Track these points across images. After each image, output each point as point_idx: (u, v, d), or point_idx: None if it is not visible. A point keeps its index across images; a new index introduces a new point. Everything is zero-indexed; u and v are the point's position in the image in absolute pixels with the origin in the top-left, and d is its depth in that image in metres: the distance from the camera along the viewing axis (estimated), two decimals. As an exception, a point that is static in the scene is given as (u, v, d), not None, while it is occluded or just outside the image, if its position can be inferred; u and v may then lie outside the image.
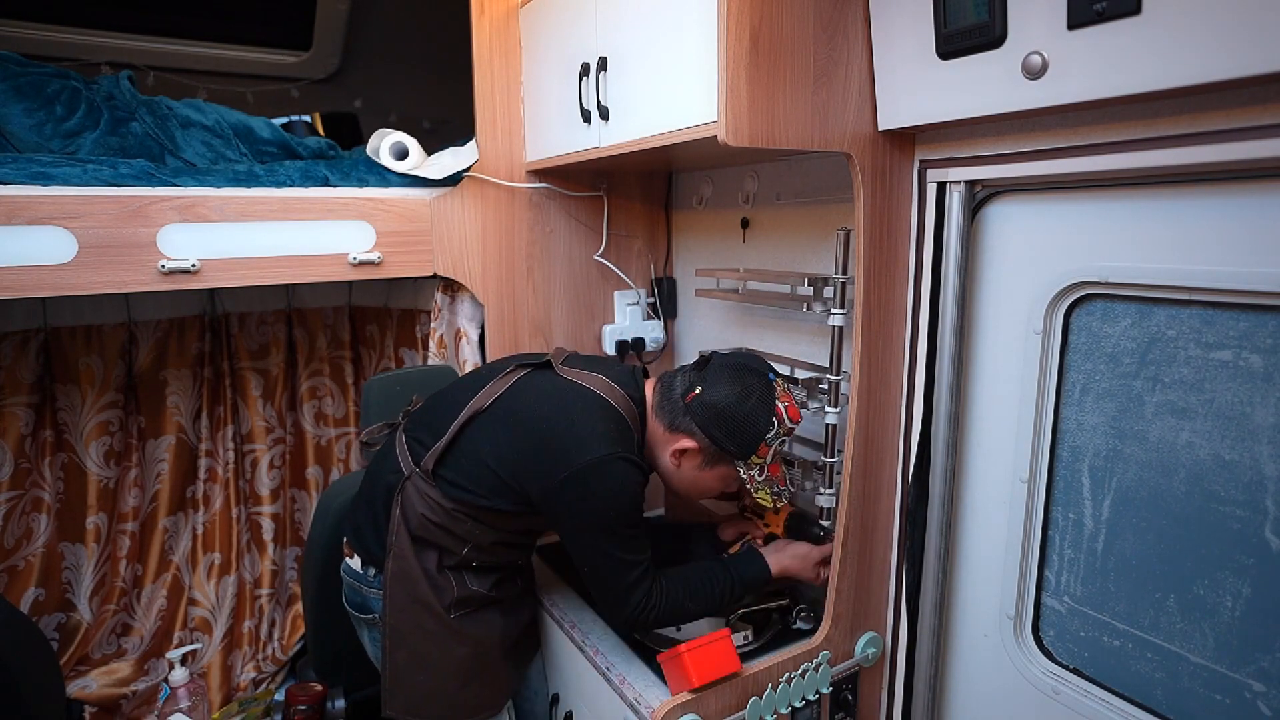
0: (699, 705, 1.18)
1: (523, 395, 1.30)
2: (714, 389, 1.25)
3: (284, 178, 1.56)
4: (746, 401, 1.24)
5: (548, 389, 1.30)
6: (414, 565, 1.29)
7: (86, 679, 1.83)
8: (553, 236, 1.84)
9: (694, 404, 1.26)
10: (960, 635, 1.34)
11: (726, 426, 1.24)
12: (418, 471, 1.29)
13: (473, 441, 1.27)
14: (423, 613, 1.31)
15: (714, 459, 1.28)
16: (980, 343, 1.24)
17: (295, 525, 2.22)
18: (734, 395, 1.24)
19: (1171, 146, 0.91)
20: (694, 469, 1.31)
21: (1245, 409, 0.94)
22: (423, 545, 1.30)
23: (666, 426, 1.29)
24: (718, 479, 1.32)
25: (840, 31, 1.15)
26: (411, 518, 1.28)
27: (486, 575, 1.37)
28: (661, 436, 1.31)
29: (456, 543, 1.30)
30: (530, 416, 1.26)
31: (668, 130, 1.26)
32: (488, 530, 1.30)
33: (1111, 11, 0.86)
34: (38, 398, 1.80)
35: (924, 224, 1.26)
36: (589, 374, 1.31)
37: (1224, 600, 0.99)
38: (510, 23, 1.71)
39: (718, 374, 1.27)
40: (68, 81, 1.54)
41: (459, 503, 1.26)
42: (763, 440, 1.24)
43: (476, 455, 1.26)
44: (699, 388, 1.26)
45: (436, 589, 1.31)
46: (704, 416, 1.25)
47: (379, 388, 1.60)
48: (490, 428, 1.27)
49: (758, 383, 1.26)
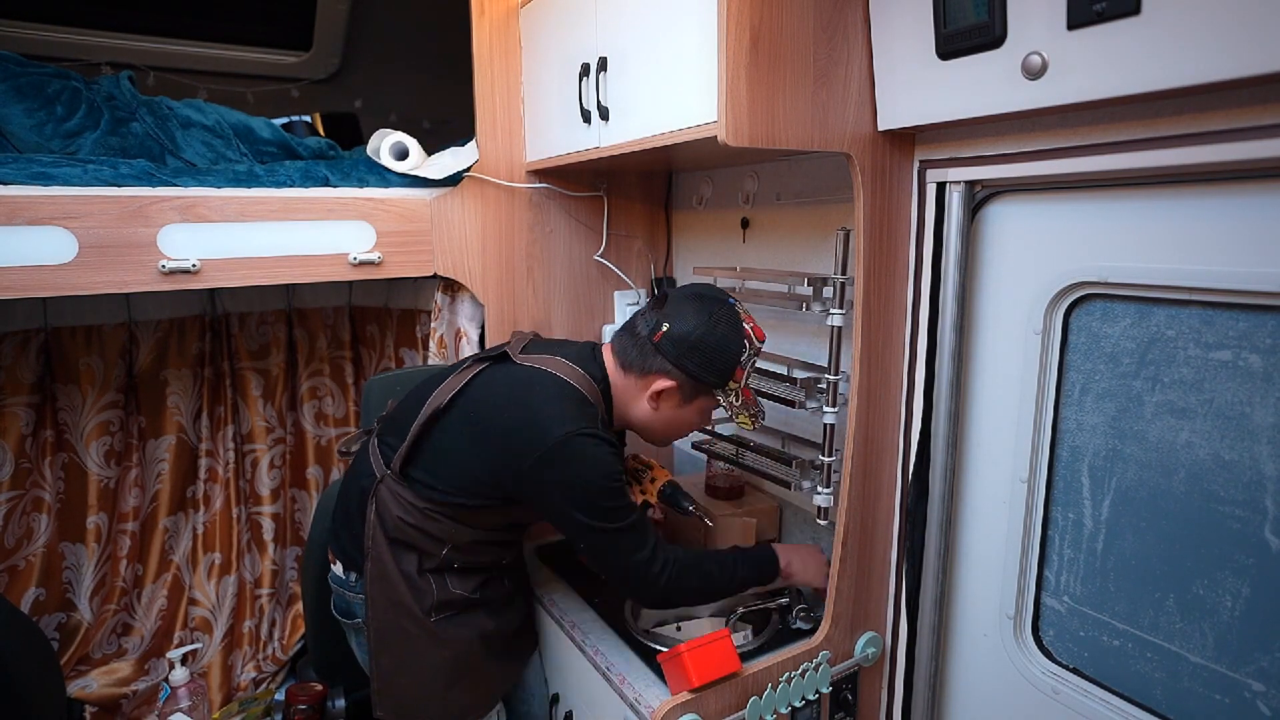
0: (699, 705, 1.18)
1: (481, 389, 1.29)
2: (680, 322, 1.24)
3: (284, 178, 1.56)
4: (716, 329, 1.23)
5: (503, 379, 1.30)
6: (392, 568, 1.30)
7: (87, 679, 1.83)
8: (553, 236, 1.84)
9: (663, 342, 1.24)
10: (960, 635, 1.34)
11: (700, 357, 1.23)
12: (389, 474, 1.29)
13: (437, 440, 1.28)
14: (403, 616, 1.31)
15: (692, 392, 1.28)
16: (980, 342, 1.24)
17: (295, 525, 2.22)
18: (702, 325, 1.23)
19: (1171, 146, 0.91)
20: (673, 407, 1.30)
21: (1245, 409, 0.94)
22: (400, 548, 1.30)
23: (638, 374, 1.28)
24: (697, 412, 1.32)
25: (840, 32, 1.15)
26: (387, 520, 1.29)
27: (470, 577, 1.36)
28: (634, 386, 1.30)
29: (434, 544, 1.30)
30: (490, 408, 1.26)
31: (668, 130, 1.26)
32: (465, 529, 1.30)
33: (1111, 12, 0.86)
34: (38, 398, 1.80)
35: (924, 224, 1.26)
36: (545, 357, 1.30)
37: (1224, 600, 0.99)
38: (510, 23, 1.71)
39: (679, 307, 1.26)
40: (68, 82, 1.54)
41: (432, 502, 1.27)
42: (738, 363, 1.25)
43: (442, 453, 1.27)
44: (665, 325, 1.25)
45: (416, 592, 1.31)
46: (676, 352, 1.24)
47: (379, 388, 1.61)
48: (452, 425, 1.28)
49: (721, 309, 1.25)
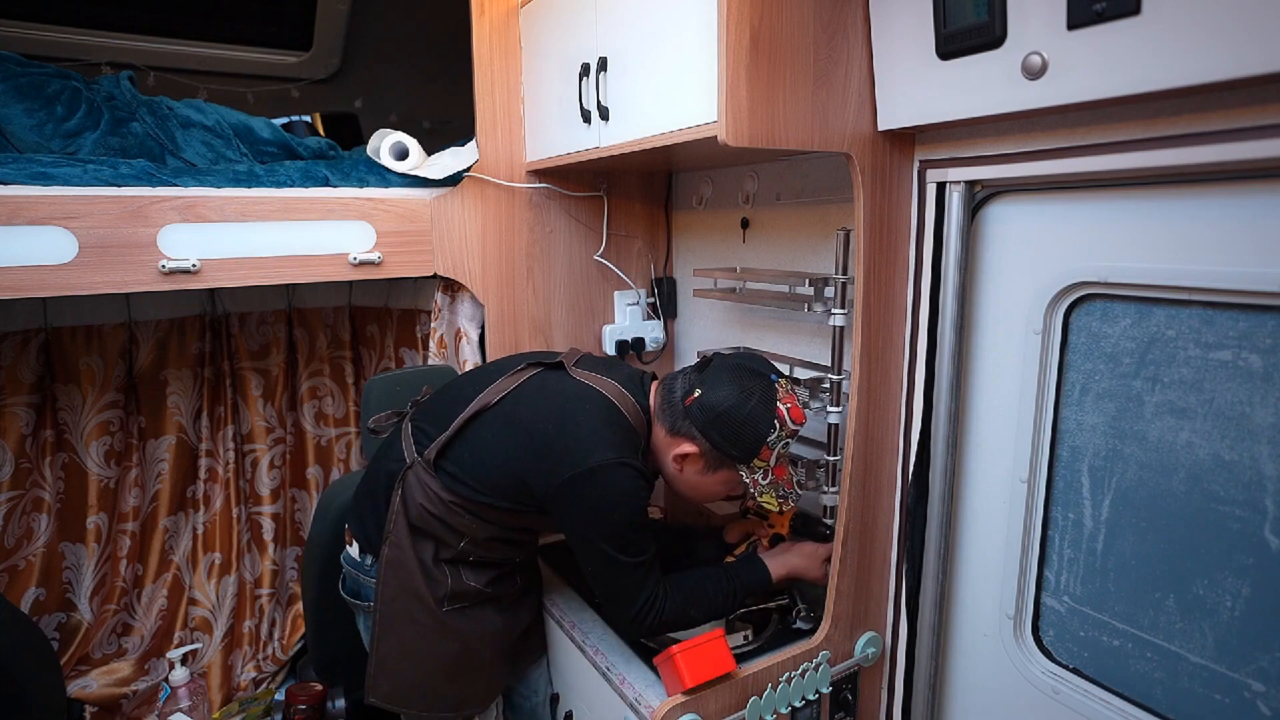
0: (699, 705, 1.18)
1: (532, 394, 1.29)
2: (713, 391, 1.23)
3: (284, 178, 1.56)
4: (747, 404, 1.21)
5: (557, 389, 1.29)
6: (410, 555, 1.30)
7: (87, 679, 1.83)
8: (553, 236, 1.84)
9: (693, 407, 1.24)
10: (960, 635, 1.34)
11: (726, 430, 1.22)
12: (420, 461, 1.29)
13: (477, 436, 1.28)
14: (414, 604, 1.31)
15: (716, 463, 1.26)
16: (980, 342, 1.24)
17: (295, 525, 2.22)
18: (734, 397, 1.22)
19: (1171, 146, 0.91)
20: (696, 474, 1.29)
21: (1245, 409, 0.94)
22: (420, 535, 1.31)
23: (668, 430, 1.28)
24: (721, 483, 1.30)
25: (840, 32, 1.15)
26: (411, 507, 1.29)
27: (483, 571, 1.37)
28: (664, 441, 1.30)
29: (453, 535, 1.30)
30: (538, 415, 1.26)
31: (668, 130, 1.26)
32: (483, 525, 1.30)
33: (1111, 12, 0.86)
34: (38, 398, 1.80)
35: (924, 224, 1.26)
36: (600, 377, 1.31)
37: (1223, 600, 0.99)
38: (510, 23, 1.71)
39: (717, 376, 1.25)
40: (68, 82, 1.54)
41: (456, 495, 1.27)
42: (764, 443, 1.22)
43: (479, 450, 1.27)
44: (698, 390, 1.25)
45: (431, 581, 1.31)
46: (703, 420, 1.23)
47: (379, 388, 1.61)
48: (496, 424, 1.27)
49: (758, 384, 1.24)
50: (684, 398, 1.26)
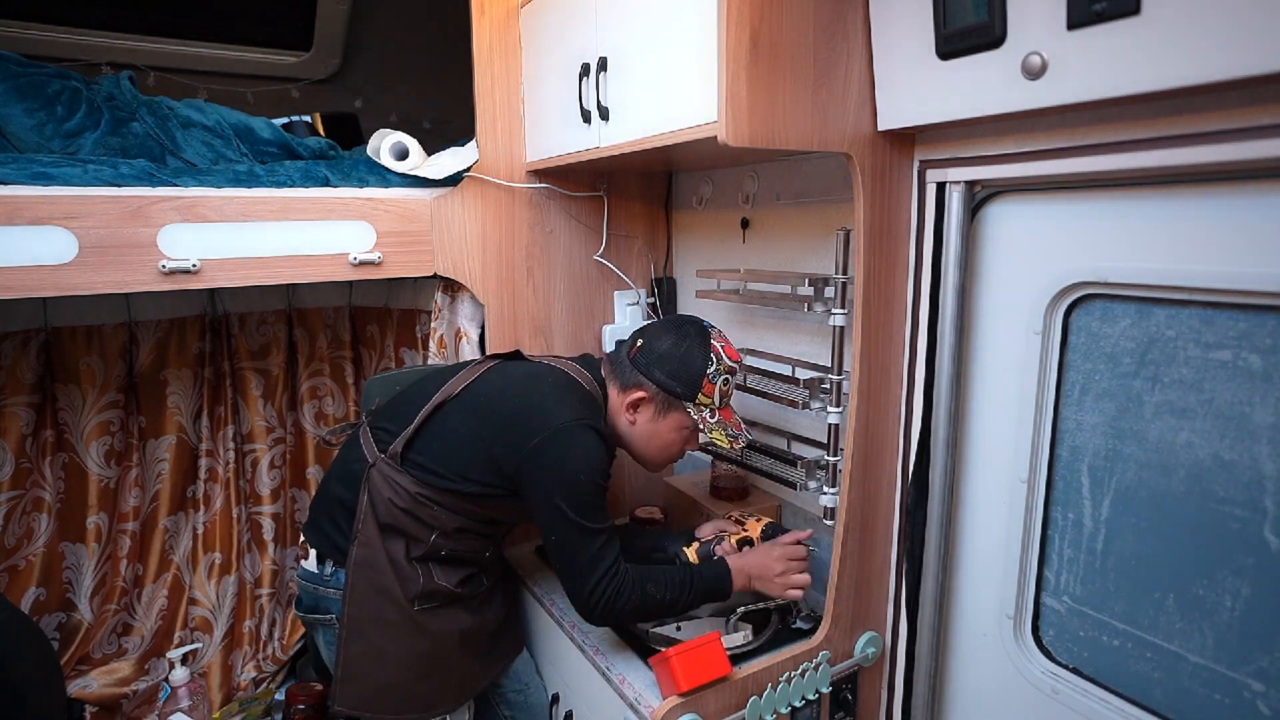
0: (698, 704, 1.18)
1: (494, 378, 1.39)
2: (654, 340, 1.37)
3: (284, 178, 1.56)
4: (683, 343, 1.34)
5: (517, 371, 1.41)
6: (380, 553, 1.32)
7: (87, 678, 1.83)
8: (553, 236, 1.84)
9: (638, 356, 1.37)
10: (960, 635, 1.34)
11: (668, 367, 1.33)
12: (383, 458, 1.33)
13: (443, 425, 1.34)
14: (385, 604, 1.33)
15: (665, 405, 1.36)
16: (980, 342, 1.24)
17: (295, 525, 2.22)
18: (671, 339, 1.35)
19: (1171, 146, 0.91)
20: (648, 420, 1.38)
21: (1244, 409, 0.94)
22: (390, 533, 1.33)
23: (620, 388, 1.39)
24: (673, 428, 1.38)
25: (840, 32, 1.15)
26: (379, 504, 1.32)
27: (454, 569, 1.39)
28: (617, 400, 1.40)
29: (423, 529, 1.33)
30: (502, 393, 1.34)
31: (668, 130, 1.26)
32: (453, 515, 1.34)
33: (1111, 12, 0.86)
34: (38, 398, 1.80)
35: (924, 224, 1.26)
36: (556, 357, 1.46)
37: (1223, 600, 0.99)
38: (510, 23, 1.71)
39: (655, 329, 1.40)
40: (68, 82, 1.54)
41: (426, 486, 1.31)
42: (704, 376, 1.33)
43: (446, 437, 1.32)
44: (639, 340, 1.39)
45: (403, 579, 1.33)
46: (646, 363, 1.35)
47: (379, 388, 1.61)
48: (461, 411, 1.34)
49: (692, 327, 1.37)
50: (629, 352, 1.39)
